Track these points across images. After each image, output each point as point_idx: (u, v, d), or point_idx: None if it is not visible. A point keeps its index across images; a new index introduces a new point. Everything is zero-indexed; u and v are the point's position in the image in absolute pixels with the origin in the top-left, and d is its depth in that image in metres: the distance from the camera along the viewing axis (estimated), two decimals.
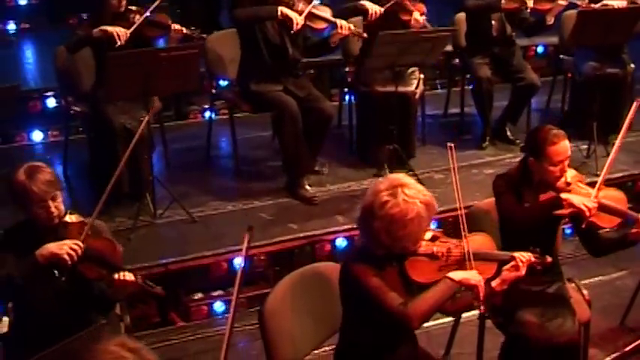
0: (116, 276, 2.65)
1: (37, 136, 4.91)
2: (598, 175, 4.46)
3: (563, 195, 2.91)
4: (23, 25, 6.04)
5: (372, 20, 4.35)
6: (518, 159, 4.69)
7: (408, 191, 2.38)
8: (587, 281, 3.99)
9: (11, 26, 6.03)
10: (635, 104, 3.12)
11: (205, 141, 4.68)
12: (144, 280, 2.71)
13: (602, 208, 2.99)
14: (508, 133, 4.91)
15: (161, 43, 4.34)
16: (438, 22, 5.50)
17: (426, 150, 4.79)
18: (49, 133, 4.92)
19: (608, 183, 4.40)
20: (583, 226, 2.92)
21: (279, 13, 3.99)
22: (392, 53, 4.01)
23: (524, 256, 2.64)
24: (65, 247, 2.60)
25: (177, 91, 4.01)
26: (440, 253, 2.55)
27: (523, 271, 2.64)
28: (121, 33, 3.80)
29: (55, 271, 2.62)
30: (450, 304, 2.58)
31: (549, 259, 2.74)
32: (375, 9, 4.33)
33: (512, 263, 2.63)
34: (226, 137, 4.79)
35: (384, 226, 2.37)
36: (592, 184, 4.14)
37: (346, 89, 5.01)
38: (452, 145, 2.71)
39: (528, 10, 4.55)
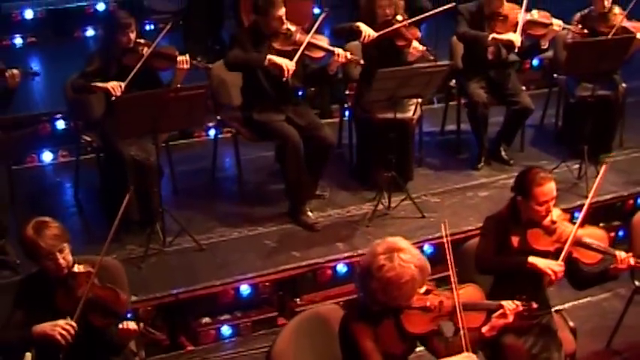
0: (120, 325, 2.85)
1: (47, 156, 5.05)
2: (588, 197, 4.67)
3: (530, 259, 3.11)
4: (30, 39, 6.18)
5: (365, 43, 4.48)
6: (512, 180, 4.90)
7: (404, 256, 2.57)
8: (574, 303, 4.19)
9: (18, 40, 6.17)
10: (604, 167, 3.30)
11: (210, 162, 4.82)
12: (146, 328, 2.89)
13: (585, 245, 3.22)
14: (503, 153, 5.06)
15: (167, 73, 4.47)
16: (436, 35, 5.63)
17: (422, 171, 4.95)
18: (59, 153, 5.05)
19: (598, 204, 4.63)
20: (549, 288, 3.09)
21: (266, 62, 4.13)
22: (391, 87, 4.15)
23: (511, 305, 2.85)
24: (57, 329, 2.76)
25: (184, 128, 4.17)
26: (433, 305, 2.75)
27: (510, 319, 2.86)
28: (115, 87, 3.98)
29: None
30: (444, 349, 2.80)
31: (535, 305, 2.95)
32: (368, 32, 4.45)
33: (500, 311, 2.85)
34: (230, 157, 4.91)
35: (380, 287, 2.57)
36: (580, 207, 4.35)
37: (346, 105, 5.16)
38: (445, 221, 2.87)
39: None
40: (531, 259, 3.10)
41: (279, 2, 4.28)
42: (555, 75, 5.31)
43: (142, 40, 4.24)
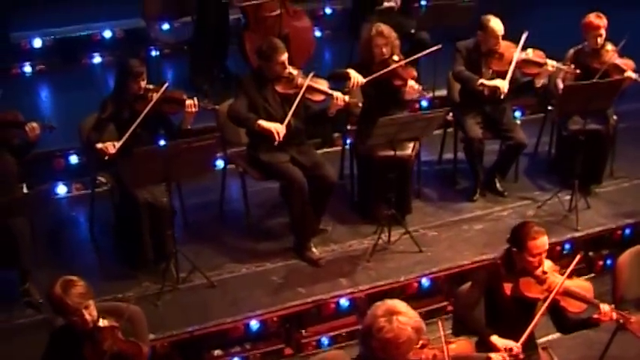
0: None
1: (61, 189, 5.21)
2: (578, 230, 4.91)
3: (492, 338, 3.36)
4: (39, 67, 6.36)
5: (355, 88, 4.68)
6: (505, 212, 5.13)
7: (402, 319, 2.79)
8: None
9: (27, 68, 6.35)
10: (578, 257, 3.57)
11: (218, 194, 5.01)
12: None
13: (572, 295, 3.51)
14: (497, 185, 5.25)
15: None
16: (434, 66, 5.79)
17: (420, 203, 5.13)
18: (73, 186, 5.22)
19: (586, 237, 4.87)
20: None
21: (256, 127, 4.37)
22: (391, 132, 4.36)
23: (498, 358, 3.12)
24: None
25: (195, 176, 4.39)
26: (427, 359, 3.00)
27: None
28: (109, 147, 4.21)
29: None
30: None
31: (522, 356, 3.21)
32: (357, 79, 4.65)
33: None
34: (237, 188, 5.04)
35: (380, 346, 2.81)
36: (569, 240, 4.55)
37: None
38: (440, 318, 3.09)
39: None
40: (493, 338, 3.37)
41: (282, 48, 4.49)
42: (549, 107, 5.46)
43: (152, 86, 4.43)
